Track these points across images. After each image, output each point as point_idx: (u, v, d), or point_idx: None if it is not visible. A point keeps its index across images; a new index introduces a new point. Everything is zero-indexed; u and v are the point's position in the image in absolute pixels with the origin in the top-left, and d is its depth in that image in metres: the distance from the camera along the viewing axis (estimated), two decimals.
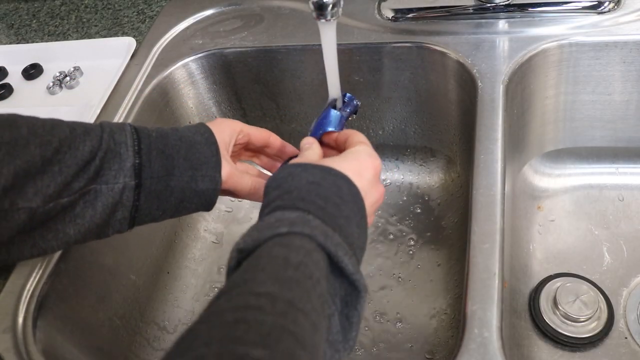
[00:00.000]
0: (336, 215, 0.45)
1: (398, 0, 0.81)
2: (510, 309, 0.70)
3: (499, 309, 0.51)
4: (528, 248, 0.76)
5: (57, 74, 0.83)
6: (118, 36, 0.88)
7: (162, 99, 0.80)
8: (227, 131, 0.57)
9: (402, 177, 0.89)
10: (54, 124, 0.49)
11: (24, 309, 0.57)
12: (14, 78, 0.86)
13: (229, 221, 0.90)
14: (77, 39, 0.90)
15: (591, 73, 0.73)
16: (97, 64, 0.85)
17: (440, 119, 0.82)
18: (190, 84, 0.83)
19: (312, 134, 0.58)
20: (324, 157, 0.55)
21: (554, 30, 0.72)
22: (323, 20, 0.52)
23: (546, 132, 0.81)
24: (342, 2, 0.52)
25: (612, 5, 0.73)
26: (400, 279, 0.78)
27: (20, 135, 0.46)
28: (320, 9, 0.52)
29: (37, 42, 0.92)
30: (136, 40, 0.84)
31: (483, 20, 0.76)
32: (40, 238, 0.49)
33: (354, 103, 0.61)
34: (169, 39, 0.85)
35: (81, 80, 0.83)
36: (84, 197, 0.49)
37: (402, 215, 0.85)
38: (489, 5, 0.75)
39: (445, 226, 0.82)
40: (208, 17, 0.87)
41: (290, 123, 0.88)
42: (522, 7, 0.75)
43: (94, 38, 0.89)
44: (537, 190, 0.82)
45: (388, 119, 0.85)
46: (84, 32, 0.91)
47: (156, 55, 0.82)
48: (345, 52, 0.75)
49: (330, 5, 0.51)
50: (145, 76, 0.79)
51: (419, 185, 0.88)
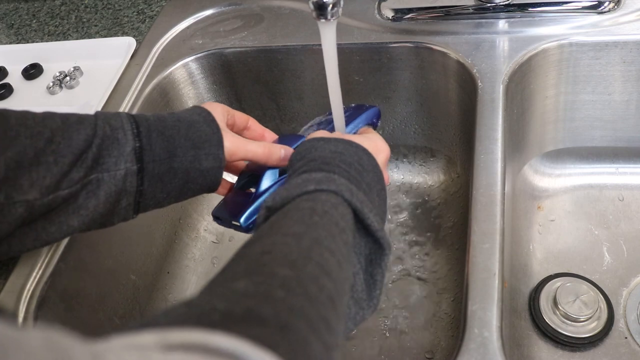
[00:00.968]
0: (359, 179, 0.46)
1: (398, 0, 0.81)
2: (510, 309, 0.70)
3: (499, 309, 0.51)
4: (528, 248, 0.76)
5: (57, 74, 0.83)
6: (118, 36, 0.88)
7: (162, 99, 0.80)
8: (219, 110, 0.57)
9: (402, 177, 0.89)
10: (45, 116, 0.48)
11: (24, 309, 0.57)
12: (14, 78, 0.86)
13: None
14: (77, 39, 0.90)
15: (591, 73, 0.73)
16: (97, 64, 0.85)
17: (440, 119, 0.82)
18: (190, 84, 0.83)
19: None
20: None
21: (554, 30, 0.72)
22: (323, 20, 0.52)
23: (546, 132, 0.81)
24: (342, 2, 0.52)
25: (612, 5, 0.73)
26: (400, 279, 0.78)
27: (9, 126, 0.46)
28: (320, 9, 0.52)
29: (37, 42, 0.92)
30: (136, 40, 0.84)
31: (483, 20, 0.76)
32: (43, 230, 0.48)
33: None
34: (169, 39, 0.85)
35: (81, 80, 0.83)
36: (86, 188, 0.48)
37: (402, 215, 0.85)
38: (489, 5, 0.75)
39: (445, 226, 0.82)
40: (208, 17, 0.87)
41: (290, 123, 0.89)
42: (522, 7, 0.75)
43: (94, 38, 0.89)
44: (537, 190, 0.82)
45: (388, 119, 0.85)
46: (84, 32, 0.91)
47: (156, 55, 0.82)
48: (345, 52, 0.75)
49: (330, 5, 0.51)
50: (145, 76, 0.79)
51: (419, 185, 0.88)
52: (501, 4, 0.75)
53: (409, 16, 0.79)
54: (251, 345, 0.26)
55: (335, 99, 0.60)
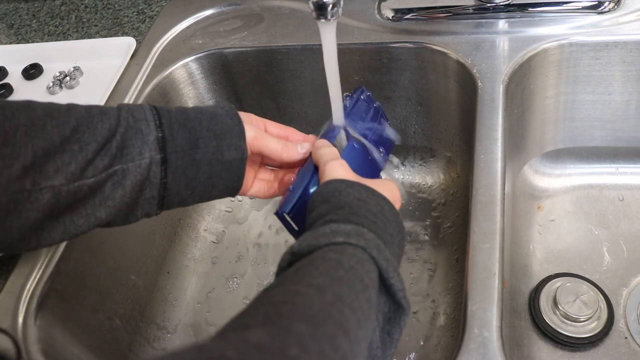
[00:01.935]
0: (384, 231, 0.46)
1: (398, 0, 0.81)
2: (510, 309, 0.70)
3: (499, 309, 0.51)
4: (528, 248, 0.76)
5: (57, 74, 0.83)
6: (118, 36, 0.88)
7: (162, 99, 0.80)
8: (245, 115, 0.57)
9: (402, 177, 0.89)
10: (70, 107, 0.49)
11: (24, 309, 0.57)
12: (14, 78, 0.86)
13: (228, 221, 0.90)
14: (77, 39, 0.90)
15: (591, 73, 0.73)
16: (97, 64, 0.85)
17: (440, 119, 0.82)
18: (190, 84, 0.83)
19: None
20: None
21: (554, 30, 0.72)
22: (323, 20, 0.52)
23: (546, 132, 0.81)
24: (342, 2, 0.52)
25: (612, 5, 0.73)
26: None
27: (37, 116, 0.46)
28: (320, 9, 0.52)
29: (37, 42, 0.92)
30: (136, 40, 0.84)
31: (483, 20, 0.76)
32: (71, 223, 0.49)
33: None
34: (169, 39, 0.85)
35: (81, 80, 0.83)
36: (112, 178, 0.49)
37: (401, 215, 0.85)
38: (489, 5, 0.75)
39: (445, 226, 0.82)
40: (208, 17, 0.87)
41: (290, 123, 0.88)
42: (522, 7, 0.75)
43: (94, 38, 0.89)
44: (537, 190, 0.82)
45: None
46: (84, 32, 0.91)
47: (156, 55, 0.82)
48: (345, 52, 0.75)
49: (330, 5, 0.51)
50: (145, 76, 0.79)
51: (419, 185, 0.88)
52: (501, 4, 0.75)
53: (409, 16, 0.79)
54: None
55: (335, 99, 0.60)
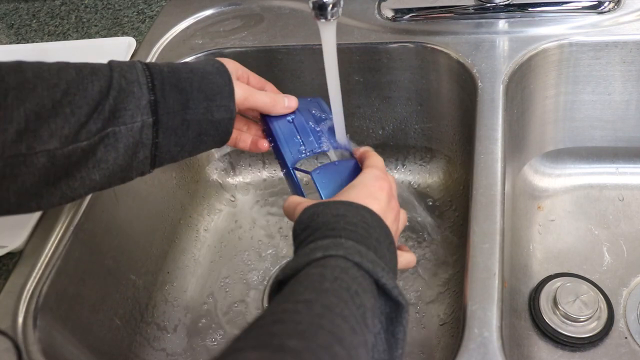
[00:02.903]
0: (367, 237, 0.46)
1: (398, 0, 0.81)
2: (510, 309, 0.70)
3: (499, 309, 0.51)
4: (528, 248, 0.76)
5: None
6: (118, 36, 0.88)
7: None
8: (231, 65, 0.58)
9: (402, 177, 0.89)
10: (60, 67, 0.49)
11: (24, 309, 0.57)
12: None
13: (229, 221, 0.90)
14: (77, 39, 0.90)
15: (591, 73, 0.73)
16: None
17: (440, 119, 0.82)
18: None
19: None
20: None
21: (554, 30, 0.72)
22: (323, 20, 0.52)
23: (546, 132, 0.81)
24: (342, 2, 0.52)
25: (612, 5, 0.73)
26: (400, 280, 0.78)
27: (26, 79, 0.46)
28: (320, 9, 0.52)
29: (37, 42, 0.92)
30: (136, 40, 0.84)
31: (483, 20, 0.76)
32: (67, 188, 0.49)
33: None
34: (169, 39, 0.85)
35: None
36: (104, 141, 0.49)
37: None
38: (489, 5, 0.75)
39: (445, 226, 0.82)
40: (208, 17, 0.87)
41: None
42: (522, 7, 0.75)
43: (94, 38, 0.89)
44: (537, 190, 0.82)
45: (388, 119, 0.85)
46: (84, 32, 0.91)
47: (156, 55, 0.82)
48: (345, 52, 0.75)
49: (330, 5, 0.51)
50: None
51: (419, 185, 0.88)
52: (501, 4, 0.75)
53: (409, 16, 0.79)
54: None
55: (335, 99, 0.60)
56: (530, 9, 0.75)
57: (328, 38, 0.54)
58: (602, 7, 0.73)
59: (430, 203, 0.86)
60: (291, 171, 0.59)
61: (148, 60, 0.81)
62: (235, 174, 0.93)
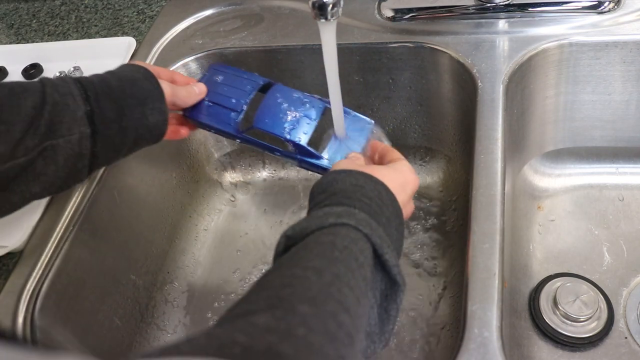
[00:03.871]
0: (379, 213, 0.47)
1: (398, 0, 0.81)
2: (510, 309, 0.70)
3: (499, 309, 0.51)
4: (528, 248, 0.76)
5: (57, 74, 0.83)
6: (118, 36, 0.88)
7: None
8: (151, 67, 0.60)
9: None
10: None
11: (24, 309, 0.57)
12: (14, 78, 0.86)
13: (228, 221, 0.90)
14: (77, 39, 0.90)
15: (591, 73, 0.73)
16: (97, 64, 0.84)
17: (440, 119, 0.82)
18: None
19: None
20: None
21: (554, 30, 0.72)
22: (323, 20, 0.52)
23: (546, 132, 0.81)
24: (342, 2, 0.52)
25: (612, 5, 0.73)
26: None
27: None
28: (320, 9, 0.52)
29: (37, 42, 0.92)
30: (136, 40, 0.84)
31: (483, 20, 0.76)
32: (7, 202, 0.50)
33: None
34: (169, 39, 0.85)
35: None
36: (43, 154, 0.49)
37: None
38: (489, 5, 0.75)
39: (445, 226, 0.82)
40: (208, 17, 0.87)
41: None
42: (522, 7, 0.75)
43: (94, 38, 0.89)
44: (537, 190, 0.82)
45: (388, 119, 0.85)
46: (84, 32, 0.91)
47: (156, 55, 0.82)
48: (345, 52, 0.75)
49: (330, 5, 0.51)
50: None
51: (419, 185, 0.88)
52: (501, 4, 0.75)
53: (409, 16, 0.79)
54: None
55: (335, 99, 0.60)
56: (530, 9, 0.75)
57: (328, 38, 0.54)
58: (602, 7, 0.73)
59: (430, 203, 0.86)
60: (242, 136, 0.62)
61: (148, 61, 0.81)
62: (235, 174, 0.93)
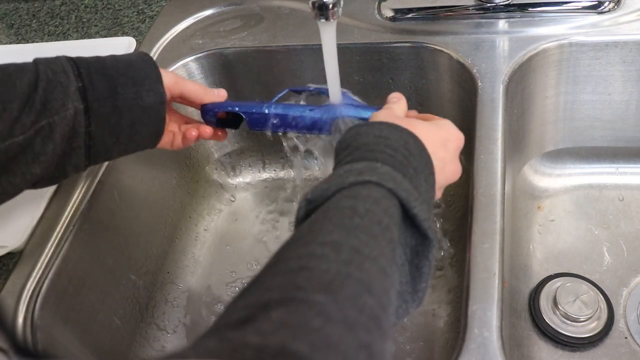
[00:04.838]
0: (405, 164, 0.44)
1: (398, 0, 0.81)
2: (510, 309, 0.70)
3: (499, 309, 0.51)
4: (528, 248, 0.76)
5: None
6: (118, 36, 0.88)
7: None
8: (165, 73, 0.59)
9: None
10: None
11: (23, 309, 0.57)
12: None
13: (229, 221, 0.90)
14: (77, 39, 0.90)
15: (591, 73, 0.73)
16: None
17: None
18: None
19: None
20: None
21: (554, 30, 0.72)
22: (323, 20, 0.52)
23: (546, 132, 0.81)
24: (342, 2, 0.52)
25: (612, 5, 0.73)
26: None
27: None
28: (320, 9, 0.52)
29: (37, 42, 0.92)
30: (136, 40, 0.84)
31: (483, 20, 0.76)
32: (9, 184, 0.50)
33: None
34: (169, 39, 0.85)
35: None
36: (40, 133, 0.50)
37: None
38: (489, 5, 0.75)
39: (445, 226, 0.82)
40: (208, 17, 0.87)
41: None
42: (522, 7, 0.75)
43: (94, 38, 0.89)
44: (537, 190, 0.82)
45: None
46: (84, 32, 0.91)
47: (156, 55, 0.82)
48: (345, 52, 0.75)
49: (330, 5, 0.51)
50: None
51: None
52: (501, 4, 0.75)
53: (409, 16, 0.79)
54: None
55: (336, 100, 0.60)
56: (530, 9, 0.75)
57: (328, 38, 0.54)
58: (602, 7, 0.73)
59: None
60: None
61: None
62: (235, 174, 0.93)
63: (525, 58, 0.71)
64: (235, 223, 0.89)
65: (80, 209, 0.65)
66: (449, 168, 0.50)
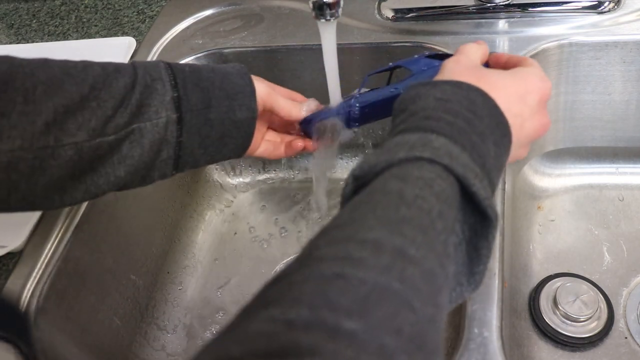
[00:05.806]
0: (467, 131, 0.40)
1: (398, 0, 0.81)
2: (510, 309, 0.70)
3: (499, 309, 0.51)
4: (528, 248, 0.76)
5: None
6: (118, 36, 0.88)
7: None
8: (260, 83, 0.59)
9: None
10: (85, 64, 0.50)
11: (23, 309, 0.57)
12: None
13: (228, 221, 0.90)
14: (77, 39, 0.90)
15: (591, 73, 0.73)
16: None
17: None
18: None
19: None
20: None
21: (554, 30, 0.72)
22: (323, 20, 0.53)
23: (546, 132, 0.81)
24: (342, 2, 0.52)
25: (612, 5, 0.73)
26: None
27: (54, 74, 0.47)
28: (320, 9, 0.52)
29: (37, 42, 0.92)
30: (136, 40, 0.84)
31: (483, 20, 0.76)
32: (92, 183, 0.50)
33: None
34: (169, 39, 0.85)
35: None
36: (130, 137, 0.50)
37: None
38: (489, 5, 0.75)
39: None
40: (208, 17, 0.87)
41: None
42: (522, 7, 0.75)
43: (94, 38, 0.89)
44: (537, 190, 0.82)
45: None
46: (84, 32, 0.91)
47: (156, 55, 0.82)
48: (345, 52, 0.75)
49: (330, 5, 0.51)
50: None
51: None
52: (501, 4, 0.75)
53: (409, 16, 0.79)
54: None
55: (335, 100, 0.60)
56: (530, 9, 0.75)
57: (328, 38, 0.54)
58: (602, 7, 0.73)
59: None
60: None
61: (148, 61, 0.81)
62: (235, 174, 0.93)
63: None
64: (235, 223, 0.89)
65: (80, 209, 0.65)
66: (529, 124, 0.45)
